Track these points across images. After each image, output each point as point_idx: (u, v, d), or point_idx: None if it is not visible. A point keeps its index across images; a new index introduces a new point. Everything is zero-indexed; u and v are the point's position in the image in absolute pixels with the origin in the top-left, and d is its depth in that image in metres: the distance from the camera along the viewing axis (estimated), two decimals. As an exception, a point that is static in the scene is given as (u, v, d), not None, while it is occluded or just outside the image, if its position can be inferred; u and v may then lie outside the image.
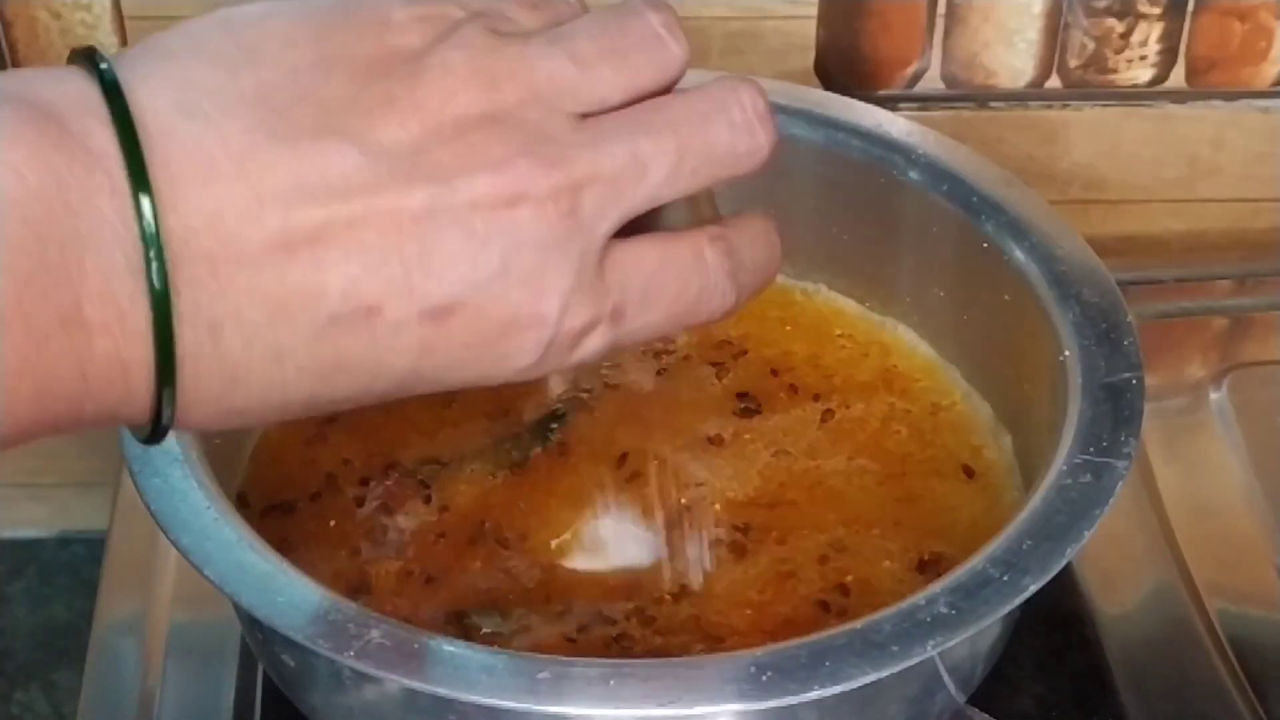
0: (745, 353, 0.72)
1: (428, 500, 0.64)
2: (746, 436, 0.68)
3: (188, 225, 0.40)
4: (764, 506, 0.65)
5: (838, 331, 0.73)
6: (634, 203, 0.45)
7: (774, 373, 0.71)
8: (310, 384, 0.43)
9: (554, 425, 0.67)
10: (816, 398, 0.69)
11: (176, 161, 0.40)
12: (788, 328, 0.73)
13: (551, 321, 0.44)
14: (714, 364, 0.71)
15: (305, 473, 0.66)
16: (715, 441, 0.67)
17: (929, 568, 0.62)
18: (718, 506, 0.64)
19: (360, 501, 0.65)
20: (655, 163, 0.45)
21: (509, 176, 0.43)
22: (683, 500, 0.64)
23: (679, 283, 0.47)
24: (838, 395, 0.69)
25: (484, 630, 0.60)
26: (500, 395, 0.69)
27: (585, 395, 0.69)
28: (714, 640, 0.59)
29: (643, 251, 0.46)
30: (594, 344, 0.46)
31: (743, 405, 0.69)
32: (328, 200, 0.41)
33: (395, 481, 0.65)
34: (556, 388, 0.69)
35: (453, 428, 0.67)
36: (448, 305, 0.43)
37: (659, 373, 0.71)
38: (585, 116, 0.44)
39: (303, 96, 0.42)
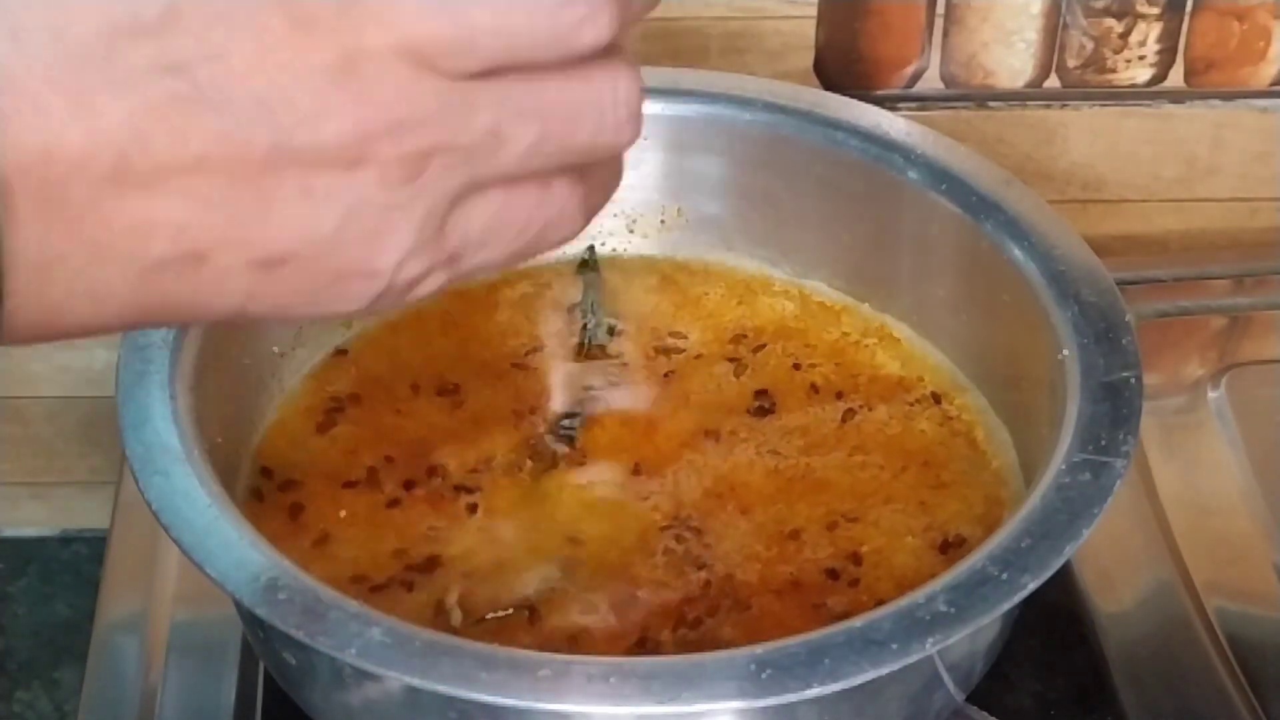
0: (763, 346, 0.72)
1: (472, 509, 0.65)
2: (742, 434, 0.68)
3: (17, 162, 0.38)
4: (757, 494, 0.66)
5: (841, 329, 0.73)
6: (484, 173, 0.43)
7: (796, 367, 0.71)
8: (130, 319, 0.42)
9: (574, 426, 0.68)
10: (840, 395, 0.70)
11: (6, 94, 0.38)
12: (803, 325, 0.73)
13: (386, 275, 0.43)
14: (731, 359, 0.71)
15: (338, 463, 0.67)
16: (713, 437, 0.68)
17: (952, 549, 0.63)
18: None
19: (396, 501, 0.65)
20: (512, 143, 0.43)
21: (356, 137, 0.41)
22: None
23: (522, 220, 0.45)
24: (860, 395, 0.70)
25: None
26: (521, 395, 0.69)
27: (596, 393, 0.70)
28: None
29: (488, 198, 0.44)
30: (428, 287, 0.44)
31: (758, 404, 0.69)
32: (167, 143, 0.39)
33: (432, 488, 0.66)
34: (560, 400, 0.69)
35: (478, 429, 0.68)
36: (279, 257, 0.42)
37: (667, 374, 0.71)
38: (460, 78, 0.42)
39: (147, 34, 0.39)
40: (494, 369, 0.71)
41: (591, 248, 0.76)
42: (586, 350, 0.72)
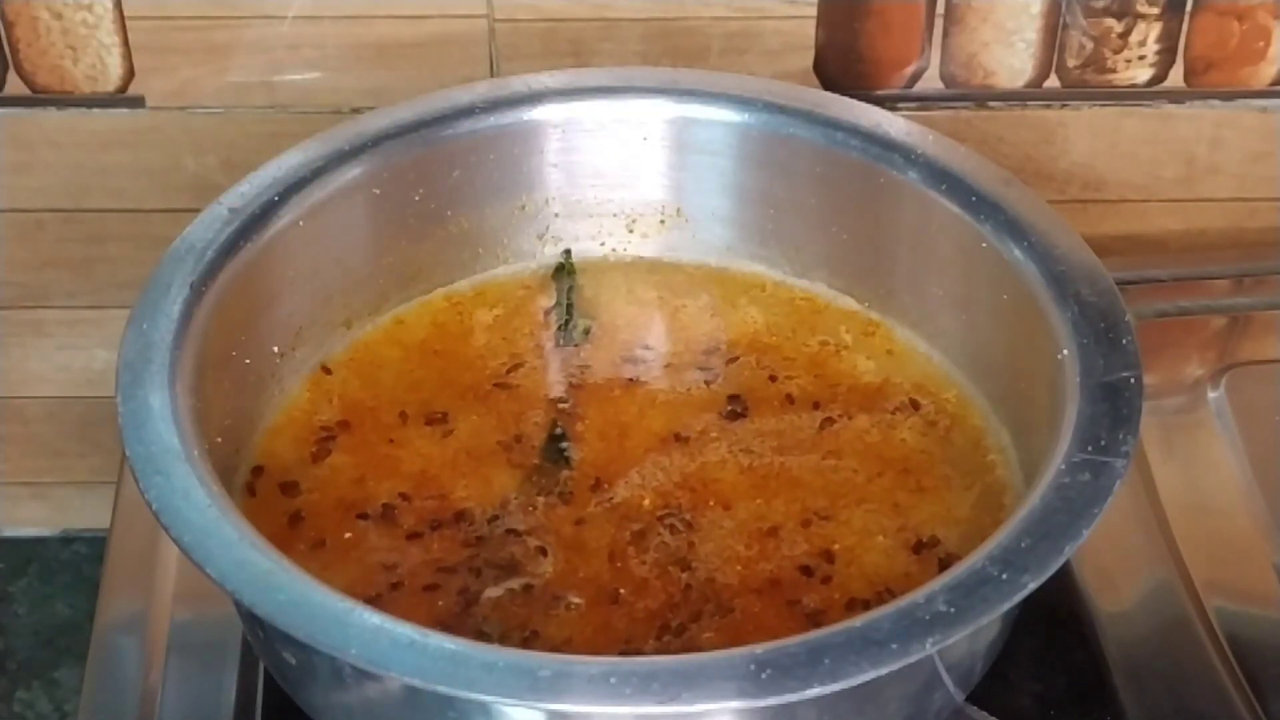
0: (736, 359, 0.72)
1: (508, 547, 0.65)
2: (713, 434, 0.68)
3: None
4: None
5: (836, 330, 0.73)
6: None
7: (772, 379, 0.71)
8: None
9: (565, 445, 0.68)
10: (817, 405, 0.70)
11: None
12: (787, 331, 0.73)
13: None
14: (702, 369, 0.71)
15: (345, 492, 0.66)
16: (681, 440, 0.68)
17: (925, 549, 0.63)
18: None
19: (417, 535, 0.65)
20: None
21: None
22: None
23: None
24: (839, 403, 0.70)
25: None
26: (503, 420, 0.69)
27: (565, 406, 0.70)
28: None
29: None
30: None
31: (730, 408, 0.69)
32: None
33: (461, 531, 0.65)
34: None
35: (474, 460, 0.67)
36: None
37: (632, 380, 0.71)
38: None
39: None
40: (477, 392, 0.70)
41: (568, 251, 0.76)
42: (560, 347, 0.72)
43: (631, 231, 0.76)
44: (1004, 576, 0.54)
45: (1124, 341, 0.62)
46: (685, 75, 0.75)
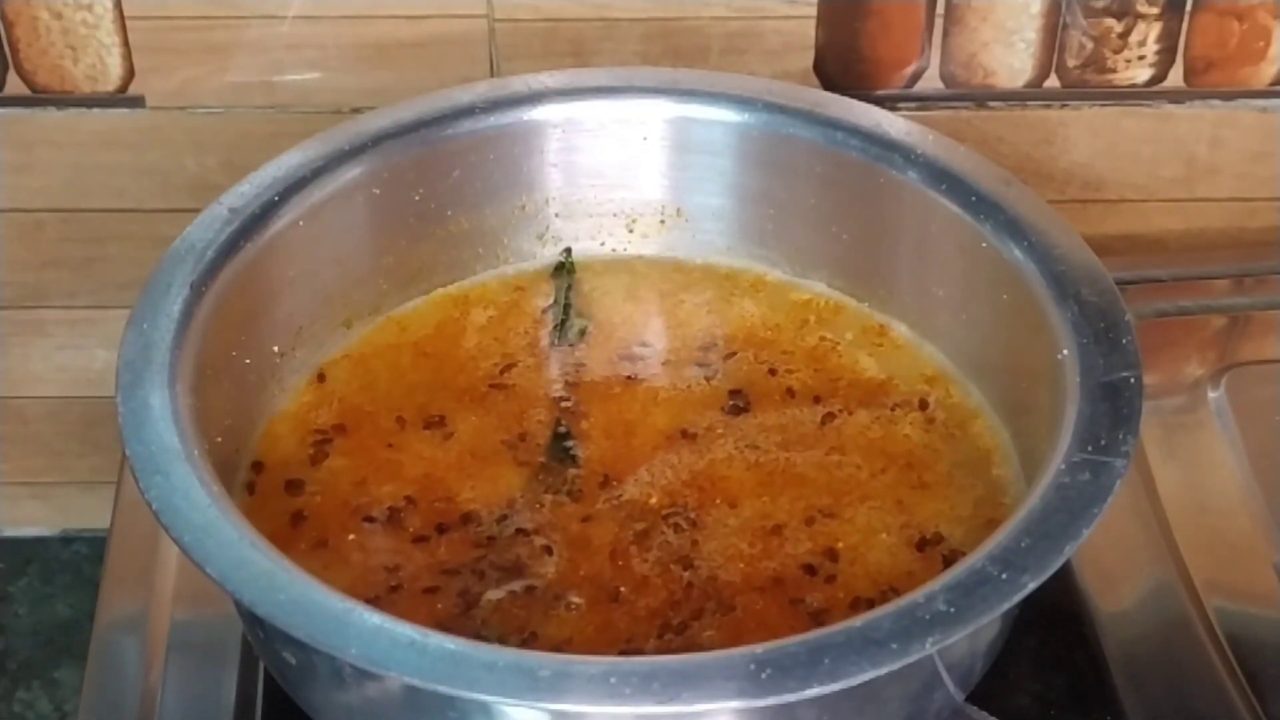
0: (733, 354, 0.72)
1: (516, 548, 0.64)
2: (719, 430, 0.68)
3: None
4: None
5: (835, 327, 0.73)
6: None
7: (771, 372, 0.71)
8: None
9: (570, 444, 0.68)
10: (818, 399, 0.70)
11: None
12: (784, 326, 0.73)
13: None
14: (700, 365, 0.71)
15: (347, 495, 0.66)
16: (689, 437, 0.68)
17: (929, 546, 0.63)
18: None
19: (424, 538, 0.64)
20: None
21: None
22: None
23: None
24: (839, 398, 0.70)
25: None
26: (504, 419, 0.69)
27: (568, 404, 0.70)
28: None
29: None
30: None
31: (732, 403, 0.69)
32: None
33: (468, 534, 0.65)
34: None
35: (479, 461, 0.67)
36: None
37: (630, 377, 0.71)
38: None
39: None
40: (473, 393, 0.70)
41: (569, 250, 0.76)
42: (555, 346, 0.72)
43: (631, 231, 0.76)
44: (1004, 576, 0.54)
45: (1124, 341, 0.62)
46: (685, 75, 0.75)
